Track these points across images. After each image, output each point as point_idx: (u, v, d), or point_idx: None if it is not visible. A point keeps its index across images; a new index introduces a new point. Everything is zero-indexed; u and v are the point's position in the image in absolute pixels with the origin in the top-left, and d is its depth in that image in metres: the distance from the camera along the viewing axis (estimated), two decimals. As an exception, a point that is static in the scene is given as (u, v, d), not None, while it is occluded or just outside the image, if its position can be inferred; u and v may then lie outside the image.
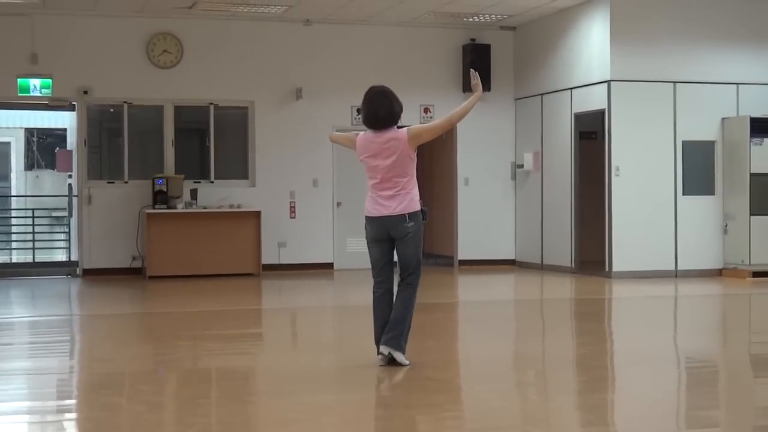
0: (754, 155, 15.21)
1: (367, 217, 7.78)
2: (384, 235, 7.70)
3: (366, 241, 7.89)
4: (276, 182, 16.88)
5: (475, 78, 8.03)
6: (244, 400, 6.53)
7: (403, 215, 7.63)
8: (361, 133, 7.87)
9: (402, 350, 7.58)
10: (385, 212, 7.65)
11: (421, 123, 17.60)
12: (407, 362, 7.60)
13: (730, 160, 15.52)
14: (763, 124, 15.24)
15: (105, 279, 15.59)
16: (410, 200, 7.73)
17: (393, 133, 7.69)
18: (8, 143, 26.52)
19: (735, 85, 15.67)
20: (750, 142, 15.19)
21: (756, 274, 15.13)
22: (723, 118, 15.60)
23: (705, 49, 15.58)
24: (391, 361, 7.56)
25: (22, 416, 6.47)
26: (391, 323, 7.62)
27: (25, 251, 19.53)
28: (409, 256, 7.73)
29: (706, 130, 15.59)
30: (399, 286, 7.75)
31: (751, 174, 15.21)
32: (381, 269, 7.83)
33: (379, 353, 7.66)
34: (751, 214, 15.21)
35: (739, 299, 13.39)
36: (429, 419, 6.28)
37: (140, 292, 14.31)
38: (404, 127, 7.86)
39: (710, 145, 15.62)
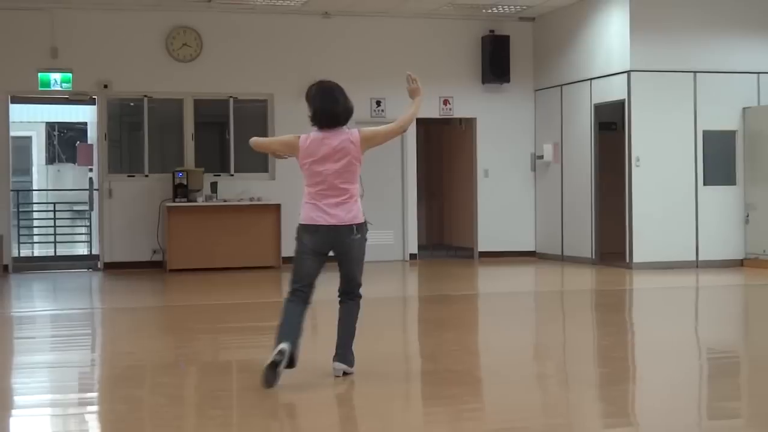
0: (775, 145, 15.17)
1: (306, 226, 6.94)
2: (325, 247, 6.96)
3: (298, 252, 7.05)
4: (296, 175, 16.68)
5: (414, 82, 7.48)
6: (264, 393, 6.54)
7: (351, 227, 6.93)
8: (303, 135, 7.05)
9: (352, 363, 7.09)
10: (332, 221, 6.87)
11: (440, 116, 17.64)
12: (353, 371, 7.09)
13: (752, 149, 15.45)
14: (785, 114, 15.21)
15: (126, 272, 15.64)
16: (358, 210, 7.03)
17: (345, 134, 6.99)
18: (29, 137, 26.63)
19: (756, 75, 15.60)
20: (771, 131, 15.16)
21: (778, 264, 15.10)
22: (744, 108, 15.54)
23: (725, 38, 15.51)
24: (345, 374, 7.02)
25: (45, 409, 6.52)
26: (344, 339, 7.09)
27: (46, 245, 19.63)
28: (354, 272, 7.13)
29: (727, 120, 15.53)
30: (342, 302, 7.19)
31: (772, 164, 15.18)
32: (305, 279, 7.04)
33: (335, 365, 7.07)
34: (772, 204, 15.17)
35: (762, 289, 13.33)
36: (448, 411, 6.28)
37: (161, 286, 14.36)
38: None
39: (731, 134, 15.56)
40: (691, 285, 13.73)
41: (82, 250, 18.91)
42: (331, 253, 7.05)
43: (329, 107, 7.00)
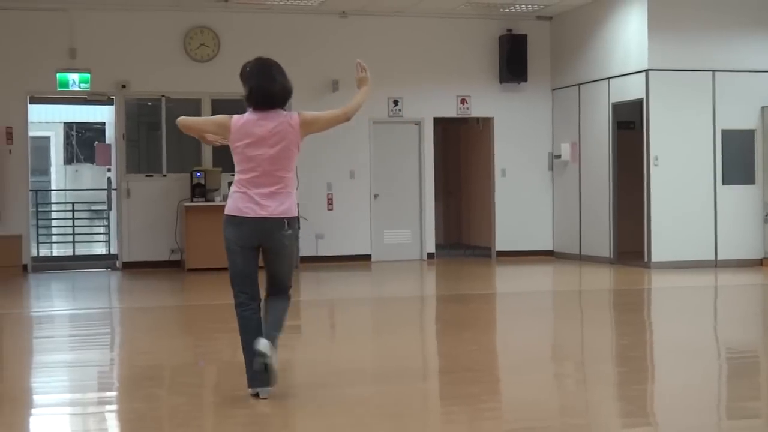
0: (794, 144, 15.13)
1: (233, 217, 6.27)
2: (253, 241, 6.26)
3: (226, 249, 6.38)
4: (313, 174, 16.91)
5: (363, 71, 6.63)
6: (283, 392, 6.55)
7: (282, 220, 6.21)
8: (236, 115, 6.37)
9: (275, 344, 6.24)
10: (262, 213, 6.19)
11: (458, 115, 17.64)
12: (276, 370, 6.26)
13: (771, 148, 15.43)
14: (804, 112, 15.16)
15: (144, 272, 15.70)
16: (292, 202, 6.30)
17: (283, 116, 6.31)
18: (48, 138, 26.73)
19: (775, 73, 15.58)
20: (791, 130, 15.12)
21: (797, 263, 15.06)
22: (763, 107, 15.49)
23: (744, 37, 15.46)
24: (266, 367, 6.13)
25: (65, 408, 6.54)
26: (273, 323, 6.33)
27: (65, 245, 19.71)
28: (283, 272, 6.42)
29: (746, 119, 15.49)
30: (269, 298, 6.45)
31: (792, 163, 15.14)
32: (245, 281, 6.34)
33: (251, 386, 6.27)
34: (792, 204, 15.13)
35: (780, 289, 13.31)
36: (466, 410, 6.29)
37: (179, 285, 14.40)
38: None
39: (750, 133, 15.52)
40: (709, 284, 13.70)
41: (100, 249, 18.98)
42: None
43: (266, 85, 6.32)
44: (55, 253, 19.24)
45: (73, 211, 20.21)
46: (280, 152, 6.21)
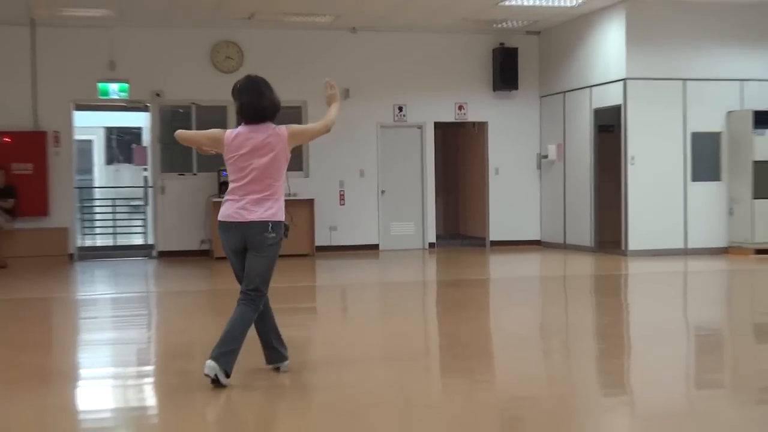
0: (756, 145, 15.06)
1: (222, 223, 6.09)
2: (239, 244, 6.07)
3: (223, 249, 6.25)
4: (327, 173, 16.94)
5: (332, 89, 6.49)
6: (300, 366, 6.58)
7: (266, 223, 5.97)
8: (229, 130, 6.23)
9: (229, 372, 5.90)
10: (249, 217, 5.98)
11: (456, 120, 17.64)
12: (227, 382, 5.90)
13: (735, 149, 15.37)
14: (765, 117, 15.09)
15: (177, 260, 15.74)
16: (279, 208, 6.06)
17: (273, 128, 6.10)
18: (91, 141, 26.75)
19: (739, 82, 15.51)
20: (753, 132, 15.06)
21: (759, 251, 15.01)
22: (728, 112, 15.46)
23: (711, 50, 15.43)
24: (215, 381, 5.86)
25: (107, 381, 6.58)
26: (226, 338, 5.91)
27: (107, 236, 19.74)
28: (257, 271, 6.05)
29: (713, 123, 15.45)
30: (239, 300, 6.09)
31: (754, 162, 15.07)
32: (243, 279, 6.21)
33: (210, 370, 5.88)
34: (754, 198, 15.08)
35: (744, 274, 13.29)
36: (464, 382, 6.31)
37: (208, 272, 14.42)
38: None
39: (717, 136, 15.48)
40: (680, 270, 13.70)
41: (138, 240, 18.99)
42: None
43: (255, 101, 6.10)
44: (98, 244, 19.27)
45: (113, 206, 20.26)
46: (270, 162, 6.03)
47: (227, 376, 5.86)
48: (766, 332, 8.55)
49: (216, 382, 5.82)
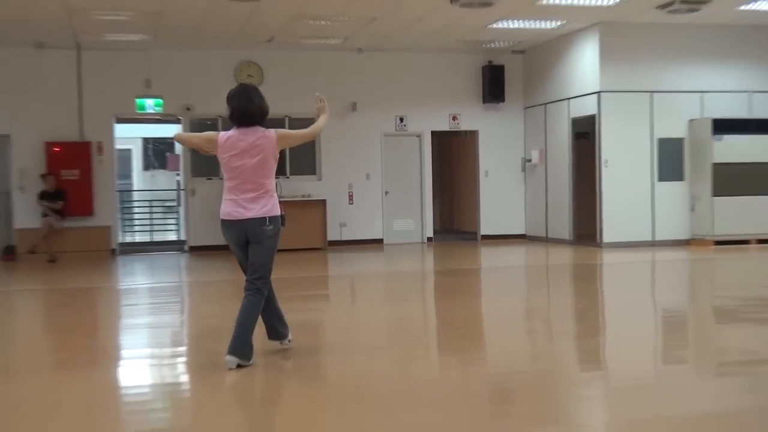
0: (715, 149, 15.05)
1: (224, 221, 5.97)
2: (243, 239, 5.96)
3: (228, 245, 6.19)
4: (337, 176, 16.94)
5: (321, 102, 6.27)
6: (315, 345, 6.59)
7: (264, 218, 5.85)
8: (223, 132, 6.09)
9: (249, 358, 5.85)
10: (248, 215, 5.86)
11: (450, 129, 17.63)
12: (252, 361, 5.88)
13: (696, 153, 15.36)
14: (723, 124, 15.09)
15: (207, 254, 15.75)
16: (273, 204, 5.92)
17: (262, 131, 5.93)
18: (130, 149, 26.85)
19: (700, 93, 15.50)
20: (712, 138, 15.04)
21: (717, 242, 15.01)
22: (690, 120, 15.45)
23: (675, 66, 15.43)
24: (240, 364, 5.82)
25: (145, 359, 6.59)
26: (240, 331, 5.85)
27: (144, 233, 19.80)
28: (259, 261, 5.93)
29: (676, 130, 15.45)
30: (246, 289, 5.98)
31: (713, 164, 15.06)
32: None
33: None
34: (713, 196, 15.07)
35: (704, 263, 13.27)
36: (458, 359, 6.31)
37: (233, 264, 14.35)
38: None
39: (680, 141, 15.47)
40: (648, 260, 13.69)
41: (172, 236, 19.06)
42: None
43: (245, 106, 5.93)
44: (136, 240, 19.32)
45: (150, 207, 20.31)
46: (260, 162, 5.85)
47: (248, 360, 5.84)
48: (723, 314, 8.54)
49: (240, 365, 5.80)
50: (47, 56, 15.66)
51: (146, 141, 27.50)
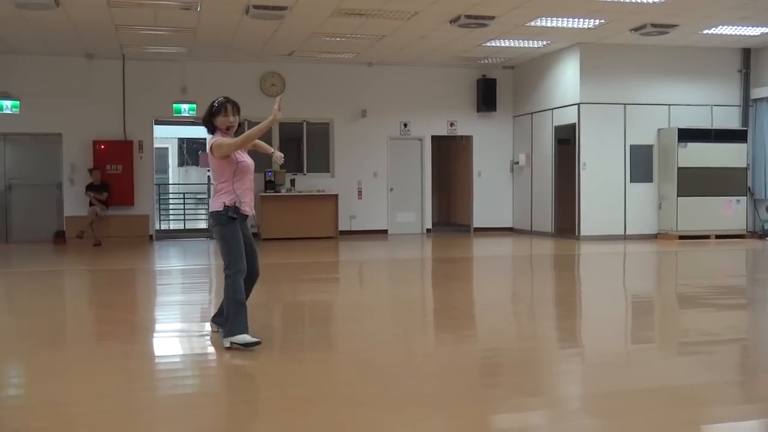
0: (680, 155, 15.01)
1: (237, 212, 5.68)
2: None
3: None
4: (348, 174, 16.92)
5: (277, 103, 5.72)
6: (327, 323, 6.57)
7: (211, 213, 5.69)
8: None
9: (234, 333, 5.57)
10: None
11: (448, 134, 17.59)
12: (251, 339, 5.56)
13: (664, 158, 15.32)
14: (687, 133, 15.07)
15: (232, 240, 15.71)
16: (216, 201, 5.63)
17: (211, 140, 5.70)
18: (167, 148, 26.87)
19: (667, 106, 15.46)
20: (678, 145, 15.00)
21: (681, 237, 14.98)
22: (659, 129, 15.40)
23: (646, 81, 15.38)
24: (258, 342, 5.58)
25: (177, 333, 6.58)
26: (226, 314, 5.73)
27: (178, 221, 19.79)
28: (219, 248, 5.82)
29: (647, 137, 15.41)
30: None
31: (678, 168, 15.02)
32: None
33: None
34: (678, 196, 15.04)
35: (670, 255, 13.23)
36: (453, 336, 6.29)
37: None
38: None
39: (650, 147, 15.44)
40: (621, 251, 13.65)
41: (202, 225, 19.07)
42: None
43: (204, 116, 5.77)
44: (171, 227, 19.33)
45: (184, 199, 20.31)
46: (212, 166, 5.67)
47: (232, 334, 5.51)
48: (686, 300, 8.50)
49: (257, 343, 5.51)
50: (96, 65, 15.65)
51: (181, 141, 27.52)
